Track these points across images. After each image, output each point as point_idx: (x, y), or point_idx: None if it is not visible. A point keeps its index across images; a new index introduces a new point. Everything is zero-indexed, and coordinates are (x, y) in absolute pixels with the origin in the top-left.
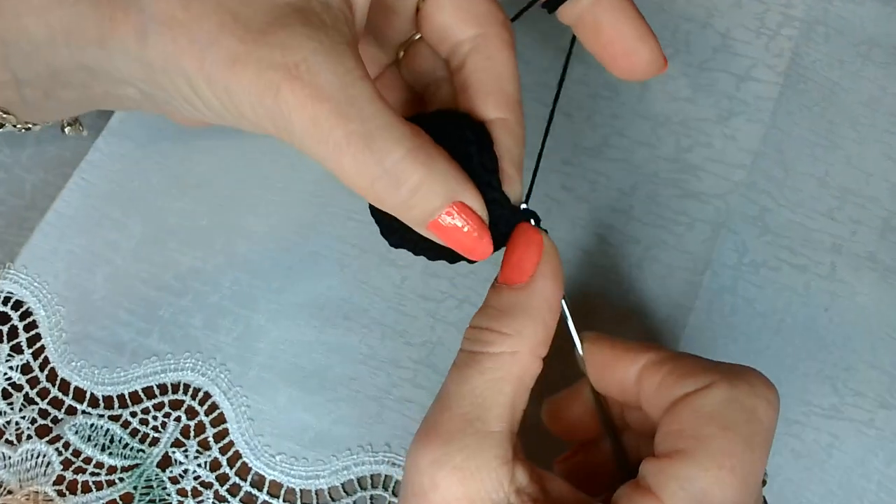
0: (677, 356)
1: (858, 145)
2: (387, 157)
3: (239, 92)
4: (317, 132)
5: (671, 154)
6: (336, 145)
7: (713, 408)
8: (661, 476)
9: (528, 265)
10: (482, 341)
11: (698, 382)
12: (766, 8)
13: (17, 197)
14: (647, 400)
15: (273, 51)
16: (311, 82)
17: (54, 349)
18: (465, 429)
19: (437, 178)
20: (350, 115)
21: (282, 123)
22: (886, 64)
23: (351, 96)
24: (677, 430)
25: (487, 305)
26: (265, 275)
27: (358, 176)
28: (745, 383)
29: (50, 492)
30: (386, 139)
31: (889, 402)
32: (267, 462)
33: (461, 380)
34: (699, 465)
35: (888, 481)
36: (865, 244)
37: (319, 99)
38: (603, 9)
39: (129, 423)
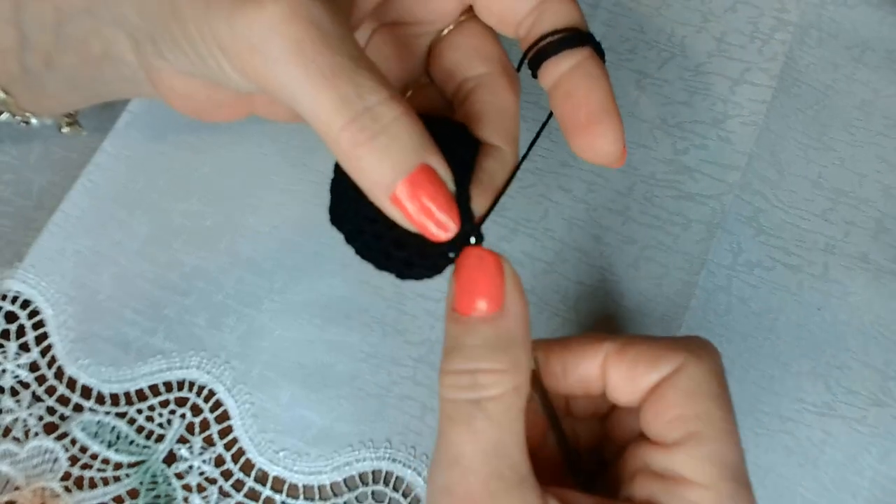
0: (634, 341)
1: (851, 147)
2: (370, 95)
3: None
4: (298, 56)
5: (667, 156)
6: (318, 74)
7: (697, 385)
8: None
9: (498, 291)
10: (480, 385)
11: (671, 364)
12: (759, 12)
13: (25, 198)
14: (614, 388)
15: None
16: (297, 5)
17: (61, 347)
18: (503, 486)
19: (415, 130)
20: (336, 46)
21: (260, 47)
22: (879, 67)
23: (340, 32)
24: (680, 414)
25: (465, 345)
26: (268, 274)
27: (335, 112)
28: (703, 352)
29: (57, 487)
30: (370, 78)
31: (881, 400)
32: (270, 458)
33: (474, 436)
34: (717, 440)
35: (881, 477)
36: (858, 245)
37: (304, 21)
38: (580, 77)
39: (134, 419)
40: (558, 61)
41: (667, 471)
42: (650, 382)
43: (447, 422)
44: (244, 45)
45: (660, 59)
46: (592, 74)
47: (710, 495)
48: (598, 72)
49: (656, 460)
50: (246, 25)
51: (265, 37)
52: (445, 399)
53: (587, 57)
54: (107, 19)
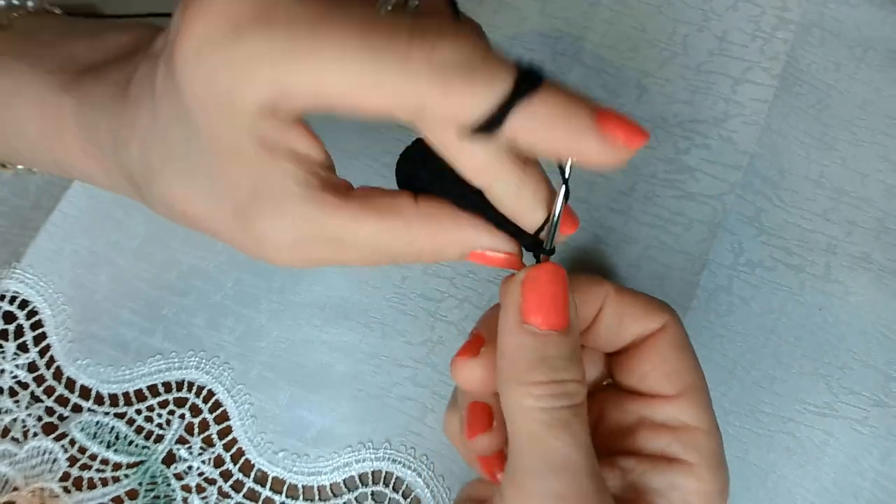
0: (626, 290)
1: (853, 147)
2: (393, 252)
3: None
4: (330, 264)
5: (669, 155)
6: (351, 262)
7: (681, 340)
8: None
9: (567, 308)
10: (570, 394)
11: (660, 320)
12: (761, 11)
13: (22, 198)
14: (604, 329)
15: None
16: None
17: (60, 348)
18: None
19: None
20: (344, 248)
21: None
22: (881, 66)
23: (336, 238)
24: (673, 370)
25: (550, 357)
26: (267, 274)
27: (380, 265)
28: (675, 314)
29: (56, 488)
30: (384, 245)
31: (883, 401)
32: (270, 459)
33: (576, 439)
34: (706, 390)
35: (882, 478)
36: (860, 244)
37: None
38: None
39: (133, 420)
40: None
41: (674, 420)
42: (637, 332)
43: (545, 429)
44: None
45: (661, 57)
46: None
47: (712, 441)
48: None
49: (657, 413)
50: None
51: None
52: (538, 408)
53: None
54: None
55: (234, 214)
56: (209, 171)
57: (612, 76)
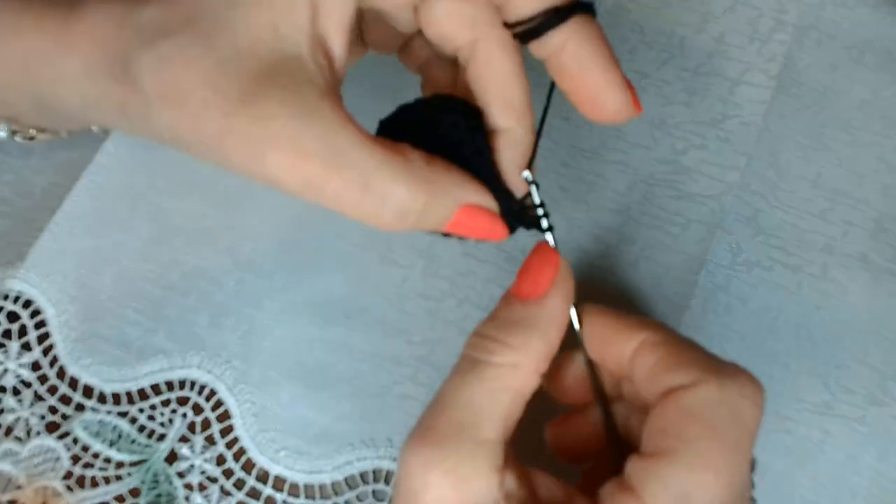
0: (673, 340)
1: (850, 148)
2: (388, 197)
3: (233, 161)
4: (312, 188)
5: (667, 156)
6: (335, 194)
7: (701, 407)
8: (645, 475)
9: (543, 282)
10: (486, 349)
11: (688, 377)
12: (759, 13)
13: (27, 198)
14: (639, 380)
15: (254, 123)
16: (295, 146)
17: (63, 347)
18: (460, 434)
19: (438, 196)
20: (342, 165)
21: (279, 185)
22: (878, 68)
23: (337, 148)
24: (663, 428)
25: (496, 316)
26: (268, 274)
27: (364, 214)
28: (733, 383)
29: (59, 486)
30: (383, 180)
31: (880, 399)
32: (271, 457)
33: (460, 385)
34: (683, 466)
35: (880, 477)
36: (857, 245)
37: (306, 159)
38: (571, 53)
39: (136, 419)
40: (544, 42)
41: (629, 480)
42: (663, 387)
43: (452, 370)
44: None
45: (659, 59)
46: (583, 54)
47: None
48: (588, 47)
49: (630, 469)
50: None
51: (280, 179)
52: (461, 354)
53: (574, 33)
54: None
55: (238, 92)
56: (235, 36)
57: None
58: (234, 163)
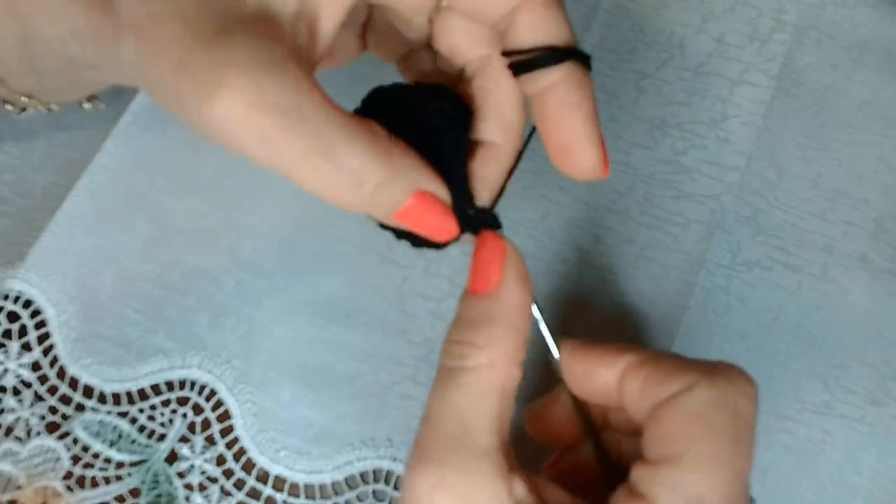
0: (656, 357)
1: (850, 148)
2: (346, 165)
3: (183, 101)
4: (263, 148)
5: (667, 156)
6: (291, 160)
7: (698, 409)
8: (653, 483)
9: (492, 273)
10: (458, 355)
11: (680, 384)
12: (759, 13)
13: (27, 198)
14: (630, 403)
15: (215, 63)
16: (251, 94)
17: (63, 347)
18: (456, 448)
19: (397, 174)
20: (303, 129)
21: (230, 137)
22: (878, 68)
23: (297, 105)
24: (664, 434)
25: (459, 318)
26: (269, 274)
27: (317, 183)
28: (725, 380)
29: (59, 487)
30: (343, 148)
31: (880, 399)
32: (272, 457)
33: (442, 397)
34: (690, 469)
35: (880, 476)
36: (857, 245)
37: (265, 113)
38: (558, 96)
39: (136, 419)
40: (535, 77)
41: (639, 489)
42: (657, 399)
43: (433, 385)
44: (213, 137)
45: (659, 59)
46: (569, 100)
47: None
48: (576, 96)
49: (638, 477)
50: (209, 125)
51: (230, 133)
52: (438, 365)
53: (566, 77)
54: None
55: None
56: None
57: (611, 78)
58: (186, 105)
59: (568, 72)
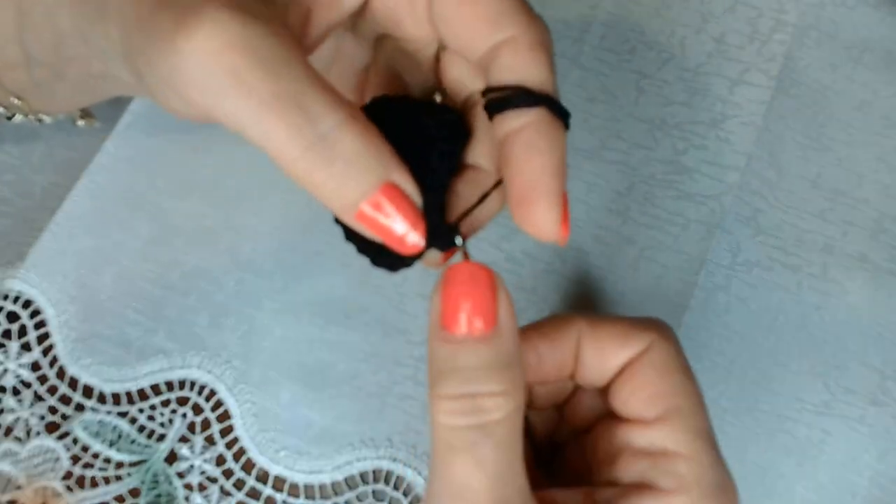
0: (602, 320)
1: (850, 148)
2: (322, 121)
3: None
4: (238, 86)
5: (667, 156)
6: (262, 104)
7: (667, 360)
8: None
9: (492, 308)
10: (483, 410)
11: (641, 343)
12: (758, 13)
13: (27, 198)
14: (586, 368)
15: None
16: (233, 36)
17: (63, 347)
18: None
19: (373, 150)
20: (280, 73)
21: (200, 76)
22: (878, 68)
23: (279, 55)
24: (656, 392)
25: (461, 368)
26: (269, 274)
27: (287, 141)
28: (667, 330)
29: (58, 487)
30: (321, 102)
31: (880, 399)
32: (271, 457)
33: (479, 465)
34: (693, 413)
35: (880, 476)
36: (857, 245)
37: (240, 48)
38: (525, 139)
39: (136, 419)
40: (506, 118)
41: (652, 447)
42: (621, 361)
43: (447, 451)
44: (182, 78)
45: (659, 59)
46: (534, 145)
47: (695, 465)
48: (543, 142)
49: (638, 438)
50: (181, 59)
51: (201, 69)
52: (443, 426)
53: (536, 121)
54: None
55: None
56: None
57: (611, 78)
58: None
59: (539, 117)
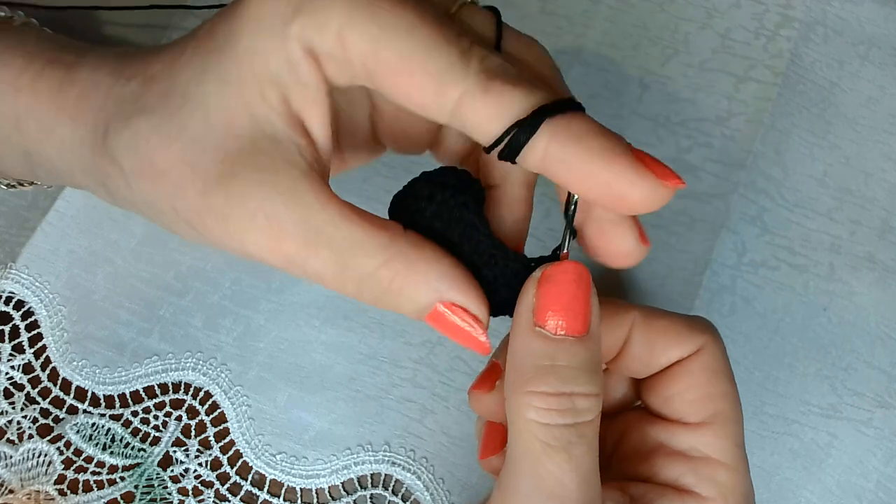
0: (657, 313)
1: (857, 145)
2: (363, 271)
3: (212, 239)
4: (294, 266)
5: (671, 154)
6: (314, 271)
7: (719, 366)
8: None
9: (589, 311)
10: (578, 410)
11: (694, 343)
12: (764, 9)
13: (19, 197)
14: (633, 357)
15: (231, 203)
16: (272, 227)
17: (56, 349)
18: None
19: (419, 281)
20: (319, 243)
21: (261, 261)
22: (885, 64)
23: (315, 227)
24: (707, 394)
25: (561, 366)
26: (265, 275)
27: (343, 288)
28: (717, 333)
29: (51, 491)
30: (359, 256)
31: (887, 402)
32: (267, 461)
33: (574, 463)
34: (736, 420)
35: (887, 480)
36: (864, 244)
37: (285, 240)
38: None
39: (130, 422)
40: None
41: (693, 450)
42: (671, 358)
43: (542, 449)
44: (248, 258)
45: (663, 55)
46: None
47: (735, 475)
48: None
49: (679, 440)
50: (243, 253)
51: (261, 258)
52: (537, 423)
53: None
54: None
55: (215, 171)
56: (208, 114)
57: (614, 74)
58: (215, 240)
59: (551, 131)
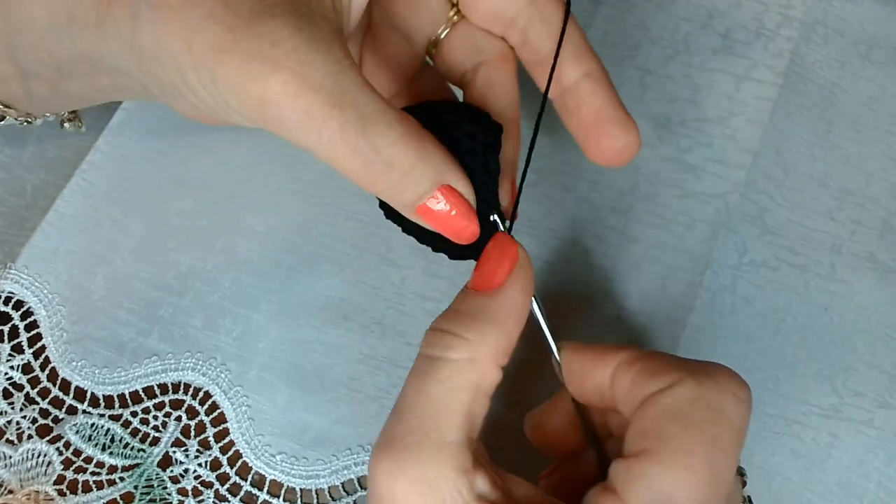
0: (648, 355)
1: (858, 145)
2: (380, 142)
3: (225, 81)
4: (309, 123)
5: (671, 154)
6: (330, 134)
7: (678, 406)
8: (627, 476)
9: (500, 273)
10: (442, 345)
11: (665, 381)
12: (765, 9)
13: (18, 197)
14: (621, 401)
15: (261, 42)
16: (302, 73)
17: (55, 349)
18: (422, 440)
19: (427, 161)
20: (344, 103)
21: (271, 114)
22: (886, 64)
23: (342, 85)
24: (643, 428)
25: (452, 309)
26: (265, 275)
27: (351, 161)
28: (711, 380)
29: (51, 491)
30: (379, 125)
31: (888, 402)
32: (267, 462)
33: (419, 388)
34: (663, 464)
35: (888, 481)
36: (865, 244)
37: (311, 89)
38: (585, 91)
39: (129, 422)
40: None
41: (612, 484)
42: (643, 395)
43: (410, 372)
44: (260, 111)
45: (664, 55)
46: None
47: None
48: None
49: (614, 471)
50: (263, 99)
51: (282, 107)
52: (418, 353)
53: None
54: (107, 68)
55: (249, 9)
56: None
57: (614, 74)
58: (224, 84)
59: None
